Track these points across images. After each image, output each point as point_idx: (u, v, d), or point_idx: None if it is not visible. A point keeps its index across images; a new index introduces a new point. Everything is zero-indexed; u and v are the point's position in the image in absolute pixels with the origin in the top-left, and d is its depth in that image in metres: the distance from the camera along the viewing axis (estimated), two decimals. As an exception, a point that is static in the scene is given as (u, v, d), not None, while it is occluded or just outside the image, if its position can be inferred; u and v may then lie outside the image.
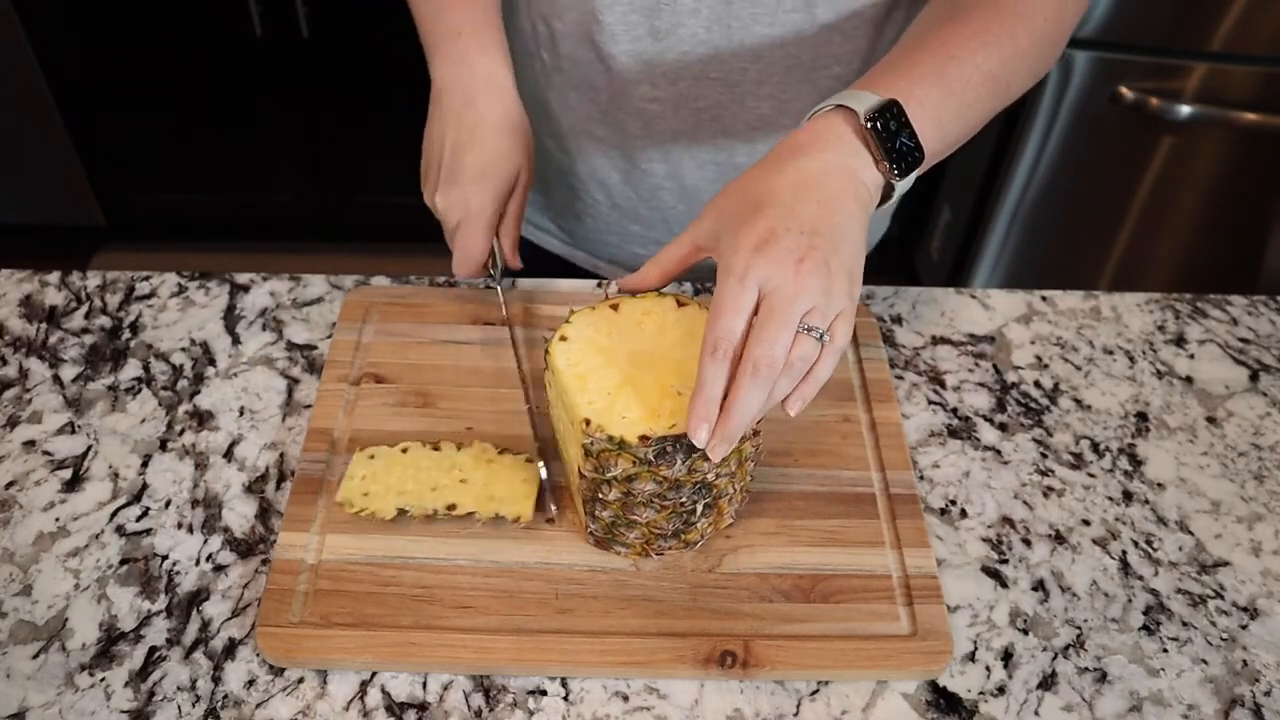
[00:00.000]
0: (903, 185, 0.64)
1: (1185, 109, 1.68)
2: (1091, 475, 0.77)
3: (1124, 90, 1.68)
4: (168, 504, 0.71)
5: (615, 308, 0.67)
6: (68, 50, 2.01)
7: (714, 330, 0.57)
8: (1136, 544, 0.73)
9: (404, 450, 0.71)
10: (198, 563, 0.68)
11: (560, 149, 0.98)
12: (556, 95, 0.93)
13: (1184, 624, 0.69)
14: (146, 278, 0.88)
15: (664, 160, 0.93)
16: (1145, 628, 0.68)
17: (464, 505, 0.67)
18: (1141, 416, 0.82)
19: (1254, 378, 0.87)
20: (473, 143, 0.77)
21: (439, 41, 0.80)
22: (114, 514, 0.70)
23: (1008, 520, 0.74)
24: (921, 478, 0.76)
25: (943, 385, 0.83)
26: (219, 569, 0.68)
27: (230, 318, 0.84)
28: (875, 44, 0.84)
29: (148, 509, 0.71)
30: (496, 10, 0.82)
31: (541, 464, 0.71)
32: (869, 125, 0.61)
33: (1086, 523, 0.74)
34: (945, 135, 0.66)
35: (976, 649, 0.66)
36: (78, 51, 2.02)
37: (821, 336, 0.57)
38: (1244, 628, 0.69)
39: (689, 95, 0.87)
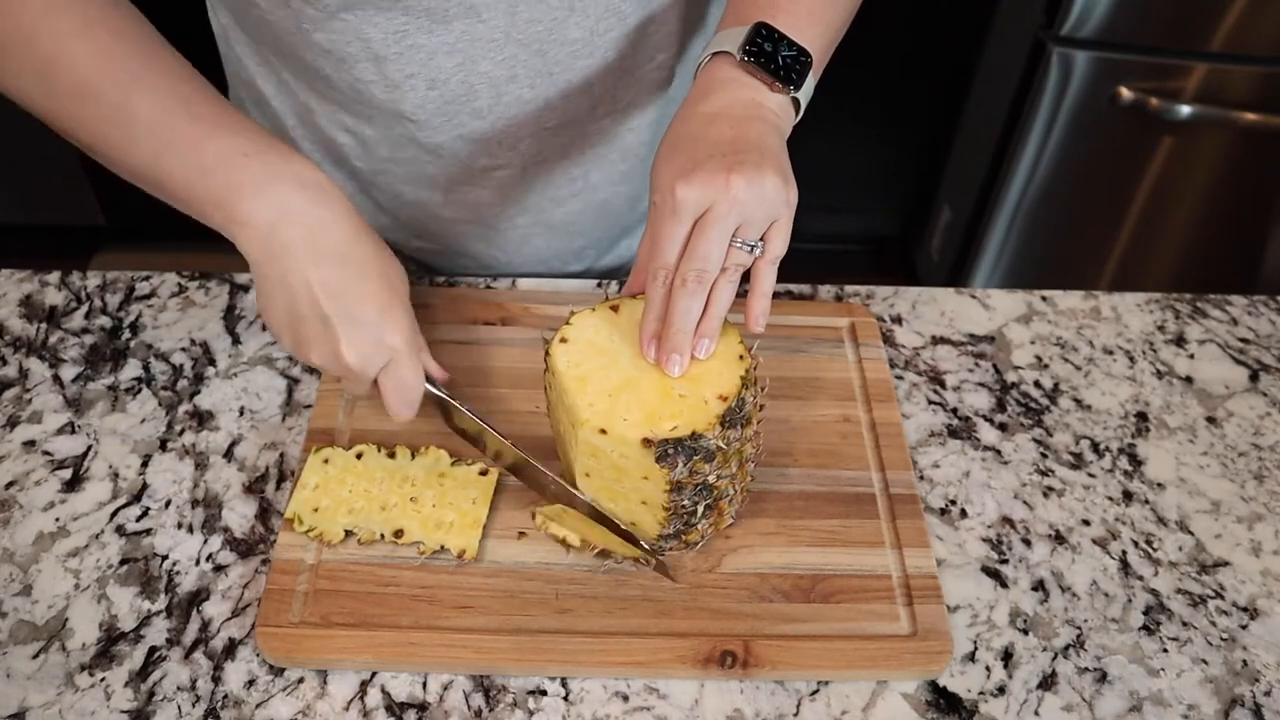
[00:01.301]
0: (805, 93, 0.67)
1: (1185, 109, 1.68)
2: (1091, 475, 0.77)
3: (1124, 90, 1.68)
4: (168, 504, 0.71)
5: (615, 309, 0.67)
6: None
7: (652, 263, 0.62)
8: (1136, 544, 0.73)
9: (359, 455, 0.71)
10: (198, 563, 0.68)
11: (411, 237, 0.93)
12: (386, 194, 0.88)
13: (1184, 624, 0.69)
14: (146, 278, 0.88)
15: (524, 212, 0.90)
16: (1145, 628, 0.68)
17: (411, 532, 0.67)
18: (1141, 416, 0.82)
19: (1254, 378, 0.87)
20: (357, 273, 0.64)
21: (223, 177, 0.62)
22: (114, 514, 0.70)
23: (1008, 520, 0.74)
24: (921, 478, 0.76)
25: (943, 385, 0.83)
26: (219, 569, 0.68)
27: (230, 318, 0.84)
28: (686, 18, 0.82)
29: (148, 509, 0.71)
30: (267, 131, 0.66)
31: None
32: (745, 59, 0.64)
33: (1086, 523, 0.74)
34: (826, 28, 0.69)
35: (976, 649, 0.66)
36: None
37: (754, 249, 0.61)
38: (1244, 628, 0.69)
39: (532, 151, 0.83)
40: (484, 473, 0.71)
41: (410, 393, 0.68)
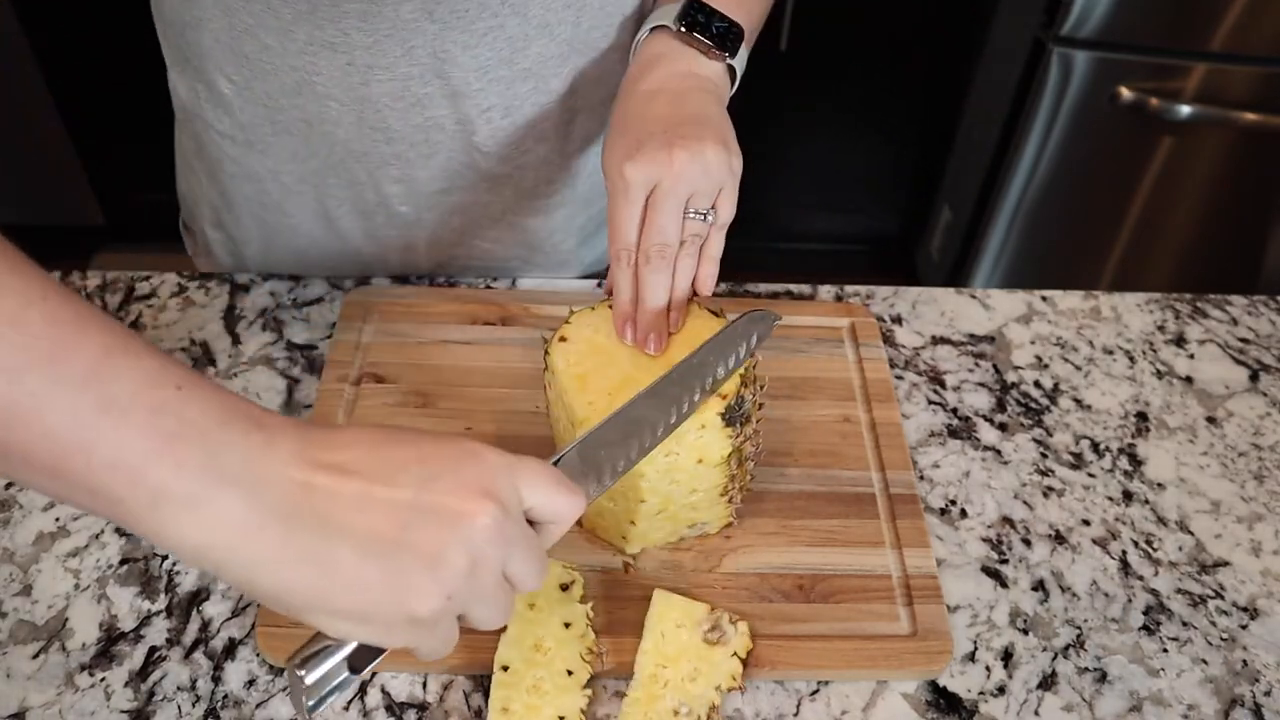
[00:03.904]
0: (740, 62, 0.71)
1: (1185, 109, 1.68)
2: (1091, 475, 0.77)
3: (1124, 90, 1.68)
4: (168, 504, 0.71)
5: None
6: (67, 51, 2.01)
7: (613, 246, 0.64)
8: (1136, 544, 0.73)
9: None
10: (198, 563, 0.68)
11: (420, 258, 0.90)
12: (429, 231, 0.86)
13: (1184, 624, 0.69)
14: (146, 278, 0.88)
15: (568, 236, 0.91)
16: (1145, 628, 0.68)
17: None
18: (1141, 416, 0.82)
19: (1254, 378, 0.87)
20: (396, 440, 0.44)
21: (161, 437, 0.40)
22: (114, 514, 0.70)
23: (1008, 520, 0.74)
24: (921, 478, 0.76)
25: (943, 385, 0.83)
26: (219, 569, 0.68)
27: (230, 318, 0.84)
28: None
29: (148, 509, 0.71)
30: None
31: None
32: (681, 29, 0.68)
33: (1086, 523, 0.74)
34: (749, 14, 0.72)
35: (976, 649, 0.66)
36: (77, 52, 2.02)
37: (706, 216, 0.64)
38: (1244, 628, 0.69)
39: (590, 163, 0.85)
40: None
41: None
